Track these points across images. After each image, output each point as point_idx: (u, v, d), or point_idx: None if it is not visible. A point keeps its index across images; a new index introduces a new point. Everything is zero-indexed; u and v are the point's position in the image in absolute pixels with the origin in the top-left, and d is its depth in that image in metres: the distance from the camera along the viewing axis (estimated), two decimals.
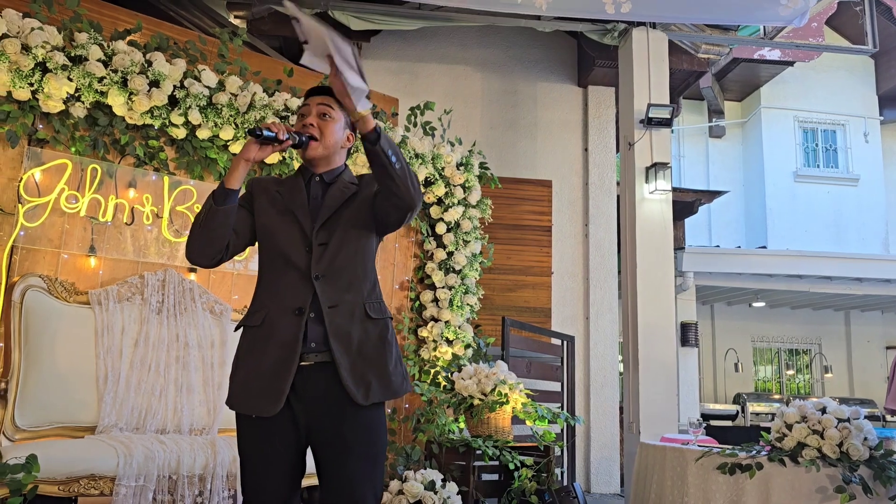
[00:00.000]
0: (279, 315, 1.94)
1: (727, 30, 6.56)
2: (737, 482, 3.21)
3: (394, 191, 1.91)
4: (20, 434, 2.94)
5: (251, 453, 1.95)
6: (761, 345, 12.64)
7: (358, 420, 1.91)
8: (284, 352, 1.90)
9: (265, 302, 1.99)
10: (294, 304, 1.93)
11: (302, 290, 1.94)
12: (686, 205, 8.93)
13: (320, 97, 2.06)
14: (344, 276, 1.98)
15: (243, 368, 1.97)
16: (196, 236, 1.96)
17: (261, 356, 1.93)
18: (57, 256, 3.37)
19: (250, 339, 1.98)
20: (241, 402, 1.95)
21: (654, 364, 5.65)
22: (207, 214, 1.93)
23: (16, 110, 3.26)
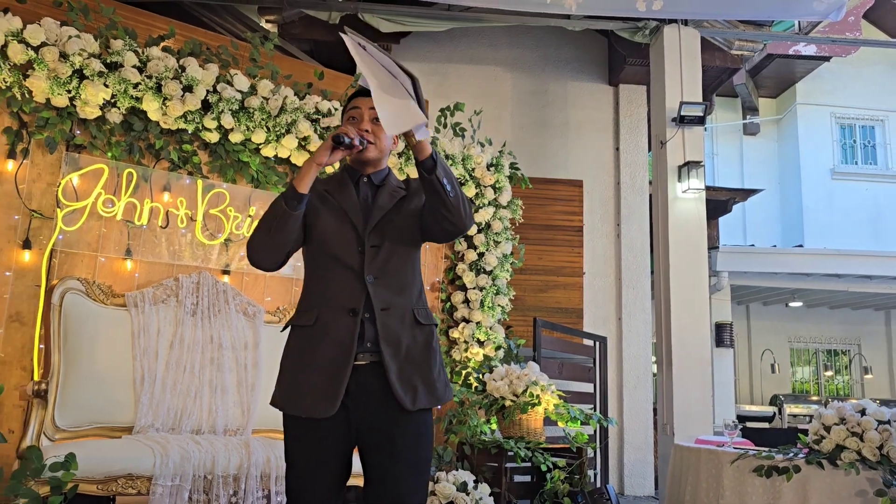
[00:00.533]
0: (333, 315, 1.92)
1: (761, 25, 6.46)
2: (773, 485, 3.16)
3: (446, 216, 1.91)
4: (60, 434, 3.00)
5: (301, 455, 1.92)
6: (799, 345, 12.41)
7: (407, 425, 1.90)
8: (340, 351, 1.89)
9: (317, 302, 1.96)
10: (348, 305, 1.92)
11: (355, 290, 1.93)
12: (720, 203, 8.80)
13: (370, 100, 2.02)
14: (395, 279, 1.98)
15: (294, 368, 1.95)
16: (264, 241, 1.94)
17: (313, 356, 1.91)
18: (94, 260, 3.44)
19: (302, 338, 1.96)
20: (293, 402, 1.92)
21: (688, 365, 5.57)
22: (280, 219, 1.90)
23: (54, 117, 3.33)
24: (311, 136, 3.92)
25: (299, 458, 1.92)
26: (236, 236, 3.82)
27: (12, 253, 3.24)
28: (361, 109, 2.04)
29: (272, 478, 3.01)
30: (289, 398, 1.93)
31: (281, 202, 1.91)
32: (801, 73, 12.19)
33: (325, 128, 3.99)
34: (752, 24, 6.41)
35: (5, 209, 3.25)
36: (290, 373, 1.95)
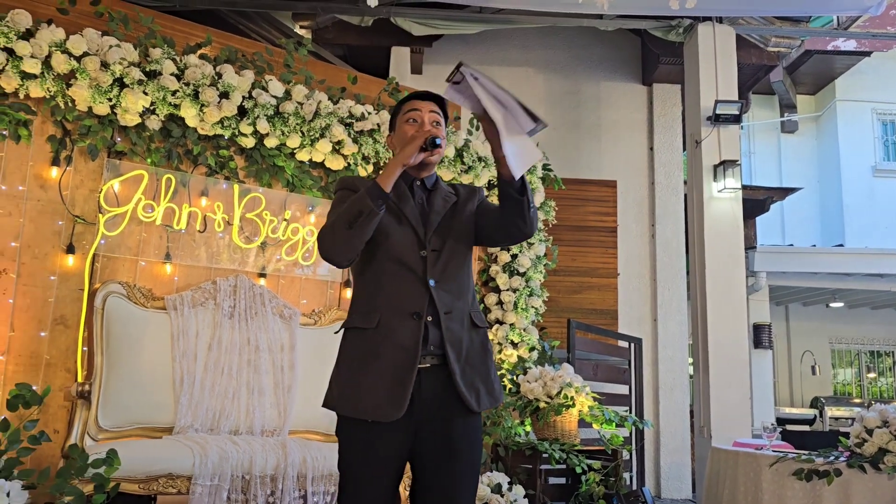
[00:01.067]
0: (396, 318, 1.91)
1: (798, 21, 6.35)
2: (814, 489, 3.10)
3: (521, 227, 1.95)
4: (103, 434, 3.07)
5: (359, 458, 1.89)
6: (840, 346, 12.14)
7: (465, 426, 1.93)
8: (405, 355, 1.87)
9: (378, 304, 1.94)
10: (412, 308, 1.91)
11: (418, 294, 1.93)
12: (757, 203, 8.66)
13: (430, 104, 2.06)
14: (455, 283, 2.00)
15: (356, 371, 1.91)
16: (344, 238, 1.88)
17: (376, 359, 1.89)
18: (135, 264, 3.52)
19: (362, 341, 1.93)
20: (354, 405, 1.88)
21: (725, 366, 5.50)
22: (365, 217, 1.86)
23: (96, 125, 3.42)
24: (344, 140, 3.96)
25: (358, 462, 1.89)
26: (272, 240, 3.88)
27: (57, 258, 3.34)
28: (421, 112, 2.03)
29: (308, 478, 3.04)
30: (350, 401, 1.90)
31: (366, 200, 1.86)
32: (841, 69, 11.93)
33: (359, 131, 4.03)
34: (789, 20, 6.30)
35: (50, 215, 3.34)
36: (350, 375, 1.92)
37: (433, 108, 2.06)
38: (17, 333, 3.20)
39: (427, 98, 2.08)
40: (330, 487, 3.11)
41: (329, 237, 1.91)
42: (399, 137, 2.05)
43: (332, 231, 1.89)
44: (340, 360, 1.98)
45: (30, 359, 3.21)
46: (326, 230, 1.91)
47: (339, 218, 1.88)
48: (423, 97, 2.08)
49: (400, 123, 2.06)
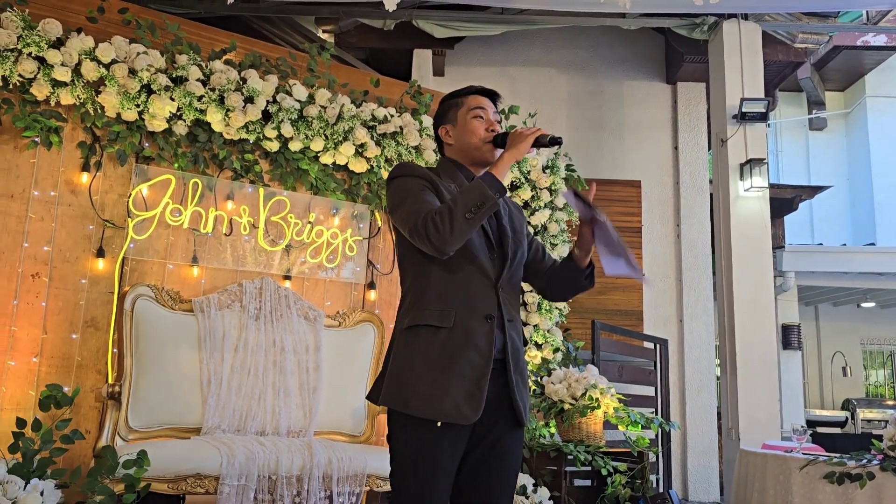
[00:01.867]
0: (471, 319, 1.87)
1: (826, 17, 6.26)
2: (846, 492, 3.05)
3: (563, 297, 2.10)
4: (133, 434, 3.12)
5: (424, 460, 1.81)
6: (872, 347, 11.93)
7: (513, 437, 1.92)
8: (481, 358, 1.84)
9: (453, 303, 1.88)
10: (485, 311, 1.89)
11: (490, 296, 1.91)
12: (785, 201, 8.54)
13: (491, 101, 2.07)
14: (514, 291, 2.00)
15: (433, 371, 1.83)
16: (462, 227, 1.80)
17: (454, 360, 1.83)
18: (163, 267, 3.57)
19: (438, 340, 1.86)
20: (433, 406, 1.81)
21: (753, 368, 5.44)
22: (486, 209, 1.80)
23: (124, 130, 3.47)
24: (367, 143, 3.98)
25: (422, 463, 1.81)
26: (297, 242, 3.91)
27: (87, 261, 3.40)
28: (486, 110, 2.03)
29: (334, 479, 3.06)
30: (426, 401, 1.81)
31: (486, 191, 1.81)
32: (871, 65, 11.73)
33: (382, 134, 4.05)
34: (817, 15, 6.21)
35: (80, 219, 3.40)
36: (426, 374, 1.84)
37: (495, 109, 2.06)
38: (49, 336, 3.26)
39: (492, 97, 2.08)
40: (355, 488, 3.13)
41: (446, 225, 1.80)
42: (467, 132, 2.02)
43: (449, 219, 1.80)
44: (410, 358, 1.88)
45: (62, 360, 3.28)
46: (441, 217, 1.81)
47: (456, 207, 1.80)
48: (488, 95, 2.07)
49: (466, 118, 2.03)
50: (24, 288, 3.24)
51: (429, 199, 1.89)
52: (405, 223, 1.87)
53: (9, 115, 3.25)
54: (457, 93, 2.09)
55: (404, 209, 1.89)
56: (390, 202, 1.97)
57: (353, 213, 4.10)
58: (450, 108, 2.08)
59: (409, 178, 1.96)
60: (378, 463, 3.23)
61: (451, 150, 2.08)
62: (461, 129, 2.03)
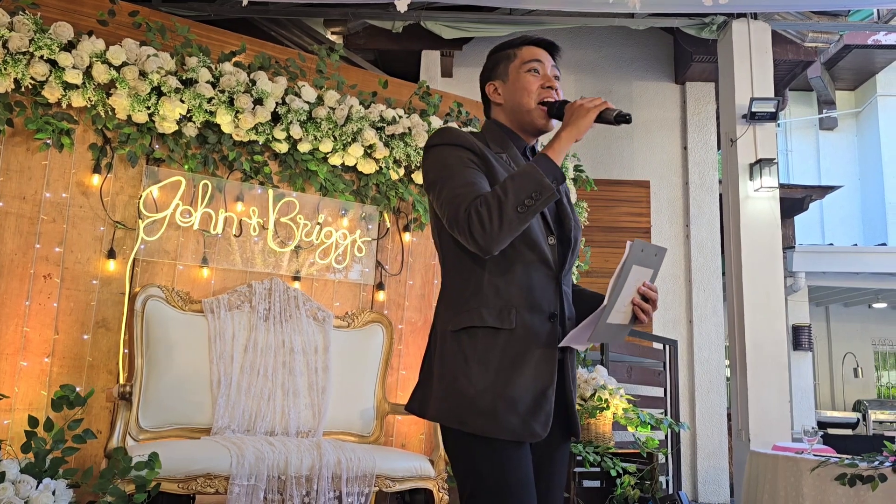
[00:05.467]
0: (534, 318, 1.59)
1: (836, 16, 6.23)
2: (857, 494, 3.04)
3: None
4: (143, 434, 3.14)
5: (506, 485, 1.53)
6: (884, 348, 11.85)
7: (563, 452, 1.70)
8: (548, 365, 1.58)
9: (512, 299, 1.58)
10: (549, 308, 1.61)
11: (550, 290, 1.62)
12: (795, 201, 8.51)
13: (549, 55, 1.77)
14: (570, 284, 1.72)
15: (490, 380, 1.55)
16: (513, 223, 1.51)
17: (514, 367, 1.56)
18: (173, 268, 3.59)
19: (499, 344, 1.57)
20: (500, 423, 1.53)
21: (763, 369, 5.41)
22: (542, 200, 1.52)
23: (135, 132, 3.50)
24: (376, 144, 3.99)
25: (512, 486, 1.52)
26: (306, 243, 3.92)
27: (98, 262, 3.42)
28: (545, 64, 1.74)
29: (343, 479, 3.07)
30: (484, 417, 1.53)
31: (543, 179, 1.51)
32: (882, 64, 11.66)
33: (390, 135, 4.06)
34: (827, 14, 6.18)
35: (92, 221, 3.43)
36: (483, 385, 1.54)
37: (553, 63, 1.76)
38: (60, 336, 3.29)
39: (549, 49, 1.77)
40: (364, 488, 3.13)
41: (494, 220, 1.50)
42: (519, 89, 1.72)
43: (499, 212, 1.50)
44: (466, 365, 1.57)
45: (73, 361, 3.30)
46: (489, 209, 1.51)
47: (507, 198, 1.50)
48: (544, 46, 1.76)
49: (518, 72, 1.72)
50: (36, 289, 3.26)
51: (475, 181, 1.57)
52: (444, 209, 1.56)
53: (21, 118, 3.27)
54: (508, 43, 1.78)
55: (444, 191, 1.57)
56: (426, 178, 1.65)
57: (362, 214, 4.11)
58: (500, 62, 1.77)
59: (451, 147, 1.63)
60: (387, 463, 3.23)
61: (499, 111, 1.77)
62: (512, 85, 1.73)
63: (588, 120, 1.57)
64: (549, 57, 1.75)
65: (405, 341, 4.14)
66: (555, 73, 1.74)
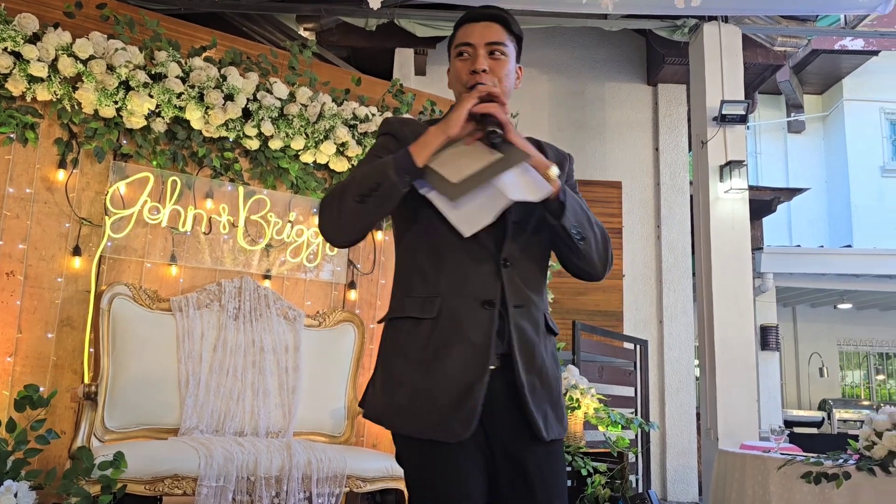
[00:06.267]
0: (463, 306, 1.47)
1: (805, 20, 6.33)
2: (822, 492, 3.08)
3: (576, 263, 1.58)
4: (109, 435, 3.08)
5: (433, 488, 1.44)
6: (849, 348, 12.09)
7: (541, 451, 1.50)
8: (477, 356, 1.44)
9: (438, 287, 1.49)
10: (482, 294, 1.47)
11: (489, 276, 1.49)
12: (764, 203, 8.64)
13: (485, 27, 1.57)
14: (531, 269, 1.56)
15: (413, 376, 1.47)
16: (351, 214, 1.46)
17: (440, 359, 1.45)
18: (141, 266, 3.53)
19: (419, 336, 1.48)
20: (415, 421, 1.45)
21: (732, 369, 5.48)
22: (381, 193, 1.44)
23: (102, 127, 3.43)
24: (348, 142, 3.96)
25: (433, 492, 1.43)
26: (277, 241, 3.88)
27: (63, 260, 3.35)
28: (475, 46, 1.56)
29: (313, 479, 3.04)
30: (406, 415, 1.46)
31: (388, 171, 1.43)
32: (848, 69, 11.89)
33: (363, 133, 4.03)
34: (796, 19, 6.28)
35: (57, 217, 3.35)
36: (403, 380, 1.48)
37: (491, 35, 1.56)
38: (24, 335, 3.21)
39: (483, 18, 1.58)
40: (335, 489, 3.11)
41: (333, 208, 1.48)
42: (453, 76, 1.61)
43: (338, 201, 1.47)
44: (387, 359, 1.54)
45: (37, 360, 3.23)
46: (333, 197, 1.49)
47: (352, 185, 1.46)
48: (478, 17, 1.57)
49: (453, 58, 1.60)
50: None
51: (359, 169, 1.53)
52: None
53: None
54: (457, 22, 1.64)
55: None
56: None
57: None
58: (447, 45, 1.67)
59: (379, 137, 1.62)
60: (357, 464, 3.21)
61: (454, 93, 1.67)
62: (451, 71, 1.63)
63: (457, 117, 1.46)
64: (489, 31, 1.56)
65: (377, 341, 4.11)
66: (492, 47, 1.55)
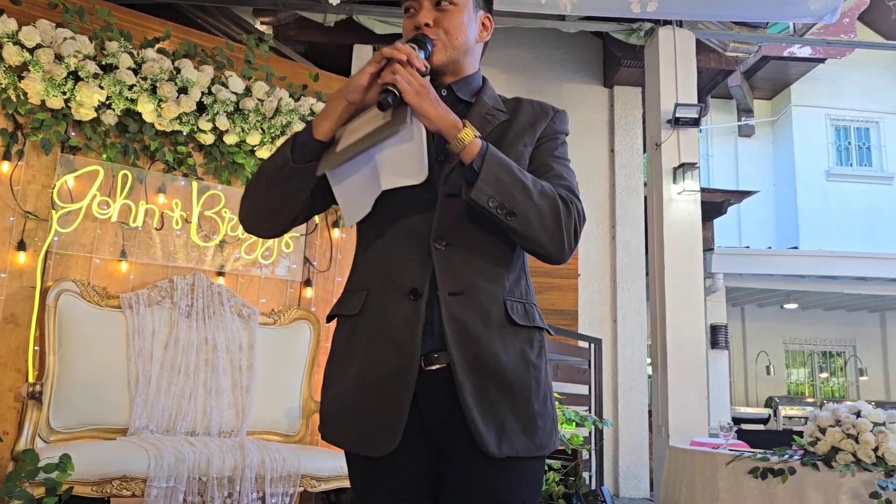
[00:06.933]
0: (387, 298, 1.28)
1: (756, 27, 6.49)
2: (769, 487, 3.16)
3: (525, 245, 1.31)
4: (55, 436, 3.00)
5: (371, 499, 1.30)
6: (794, 347, 12.44)
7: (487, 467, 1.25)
8: (401, 356, 1.25)
9: (365, 279, 1.33)
10: (408, 283, 1.27)
11: (416, 262, 1.28)
12: (715, 205, 8.83)
13: None
14: (481, 249, 1.30)
15: (336, 380, 1.33)
16: (258, 200, 1.35)
17: (360, 360, 1.29)
18: (89, 261, 3.43)
19: (345, 334, 1.34)
20: (337, 430, 1.31)
21: (683, 367, 5.58)
22: (280, 174, 1.31)
23: (49, 118, 3.32)
24: None
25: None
26: (231, 238, 3.82)
27: (7, 254, 3.24)
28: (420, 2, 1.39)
29: (267, 479, 3.01)
30: (331, 423, 1.32)
31: (287, 150, 1.30)
32: (796, 75, 12.24)
33: None
34: (747, 25, 6.43)
35: (0, 211, 3.24)
36: (331, 385, 1.35)
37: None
38: None
39: None
40: (289, 489, 3.08)
41: (250, 196, 1.37)
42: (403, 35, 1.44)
43: (253, 188, 1.36)
44: (328, 362, 1.40)
45: None
46: (249, 184, 1.37)
47: (261, 169, 1.35)
48: None
49: (404, 18, 1.45)
50: None
51: None
52: None
53: None
54: None
55: None
56: None
57: None
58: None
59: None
60: (312, 463, 3.18)
61: None
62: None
63: (357, 80, 1.26)
64: None
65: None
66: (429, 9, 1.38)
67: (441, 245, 1.28)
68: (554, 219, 1.26)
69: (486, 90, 1.45)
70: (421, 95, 1.22)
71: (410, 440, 1.26)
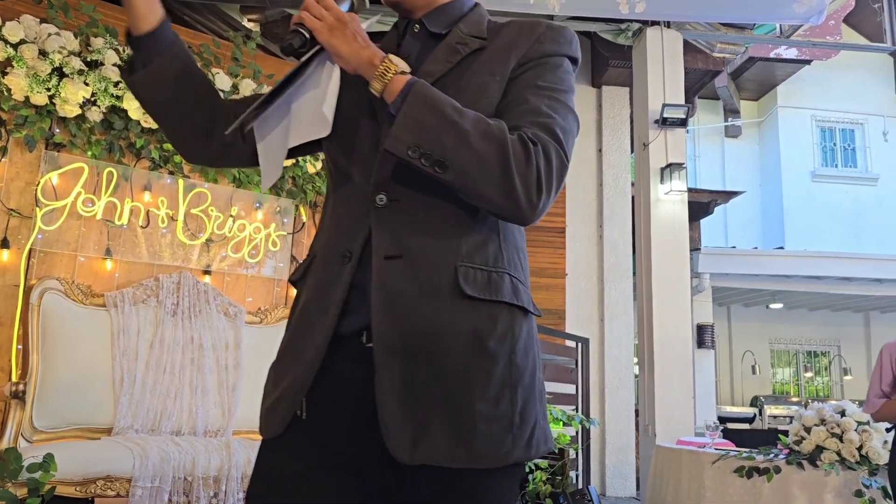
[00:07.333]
0: (326, 265, 1.10)
1: (742, 28, 6.52)
2: (754, 486, 3.18)
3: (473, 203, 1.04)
4: (38, 435, 2.97)
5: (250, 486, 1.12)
6: (779, 347, 12.53)
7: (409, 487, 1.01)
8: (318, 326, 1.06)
9: (316, 243, 1.17)
10: (343, 245, 1.08)
11: (356, 220, 1.08)
12: (702, 205, 8.87)
13: None
14: (437, 205, 1.05)
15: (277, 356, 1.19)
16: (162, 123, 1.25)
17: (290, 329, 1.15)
18: (74, 259, 3.40)
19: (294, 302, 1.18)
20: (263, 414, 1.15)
21: (669, 366, 5.61)
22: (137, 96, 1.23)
23: (33, 115, 3.29)
24: None
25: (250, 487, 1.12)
26: (218, 236, 3.80)
27: None
28: None
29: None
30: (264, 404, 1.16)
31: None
32: (782, 77, 12.33)
33: None
34: (734, 27, 6.46)
35: None
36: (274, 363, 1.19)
37: None
38: None
39: None
40: None
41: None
42: None
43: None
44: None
45: None
46: None
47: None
48: None
49: None
50: None
51: None
52: None
53: None
54: None
55: None
56: None
57: (277, 207, 4.01)
58: None
59: None
60: None
61: None
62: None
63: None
64: None
65: None
66: None
67: (381, 201, 1.05)
68: (502, 166, 0.99)
69: (470, 17, 1.19)
70: (333, 31, 1.05)
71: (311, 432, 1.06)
